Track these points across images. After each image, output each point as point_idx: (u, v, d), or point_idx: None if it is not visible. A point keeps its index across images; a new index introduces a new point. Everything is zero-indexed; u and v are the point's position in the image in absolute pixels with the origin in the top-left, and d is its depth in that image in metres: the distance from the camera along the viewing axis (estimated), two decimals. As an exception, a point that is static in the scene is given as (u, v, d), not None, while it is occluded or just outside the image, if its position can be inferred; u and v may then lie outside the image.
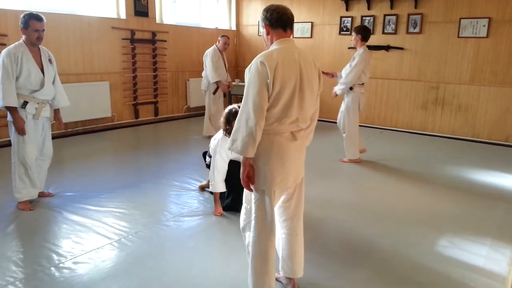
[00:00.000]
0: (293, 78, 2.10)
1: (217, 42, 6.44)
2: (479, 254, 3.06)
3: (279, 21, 2.16)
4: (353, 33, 5.16)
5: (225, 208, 3.67)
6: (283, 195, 2.36)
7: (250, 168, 2.17)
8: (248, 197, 2.32)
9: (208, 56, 6.31)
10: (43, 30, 3.49)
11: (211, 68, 6.26)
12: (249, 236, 2.31)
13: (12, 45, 3.48)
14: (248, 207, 2.31)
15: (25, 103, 3.50)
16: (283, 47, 2.14)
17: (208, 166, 3.80)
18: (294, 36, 8.20)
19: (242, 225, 2.38)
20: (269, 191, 2.19)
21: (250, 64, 2.12)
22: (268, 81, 2.02)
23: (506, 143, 6.50)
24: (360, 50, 5.07)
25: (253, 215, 2.25)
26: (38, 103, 3.56)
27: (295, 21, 2.28)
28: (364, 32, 5.10)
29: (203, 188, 4.17)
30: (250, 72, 2.09)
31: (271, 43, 2.20)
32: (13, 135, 3.58)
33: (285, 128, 2.16)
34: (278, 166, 2.17)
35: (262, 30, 2.25)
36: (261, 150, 2.15)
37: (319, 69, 2.29)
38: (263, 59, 2.05)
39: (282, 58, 2.08)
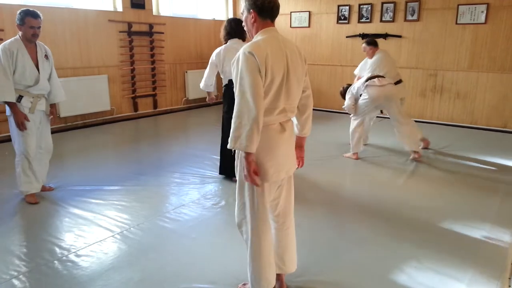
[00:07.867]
0: (281, 68, 1.99)
1: None
2: (478, 239, 3.09)
3: (269, 10, 2.01)
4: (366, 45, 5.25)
5: (220, 172, 4.30)
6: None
7: (255, 162, 2.03)
8: (241, 193, 2.22)
9: None
10: (39, 27, 3.50)
11: None
12: (246, 232, 2.24)
13: (8, 41, 3.48)
14: (241, 202, 2.22)
15: (20, 97, 3.51)
16: (269, 37, 2.01)
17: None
18: (292, 26, 8.12)
19: (237, 221, 2.29)
20: (261, 186, 2.11)
21: (234, 58, 1.98)
22: (260, 72, 1.90)
23: (504, 129, 6.51)
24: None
25: (247, 210, 2.19)
26: (33, 97, 3.57)
27: (292, 10, 2.23)
28: None
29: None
30: (239, 65, 1.94)
31: (256, 32, 2.06)
32: (12, 130, 3.59)
33: (274, 119, 2.07)
34: (270, 158, 2.08)
35: (247, 16, 2.06)
36: None
37: (304, 56, 2.18)
38: (251, 50, 1.91)
39: (270, 48, 1.96)
